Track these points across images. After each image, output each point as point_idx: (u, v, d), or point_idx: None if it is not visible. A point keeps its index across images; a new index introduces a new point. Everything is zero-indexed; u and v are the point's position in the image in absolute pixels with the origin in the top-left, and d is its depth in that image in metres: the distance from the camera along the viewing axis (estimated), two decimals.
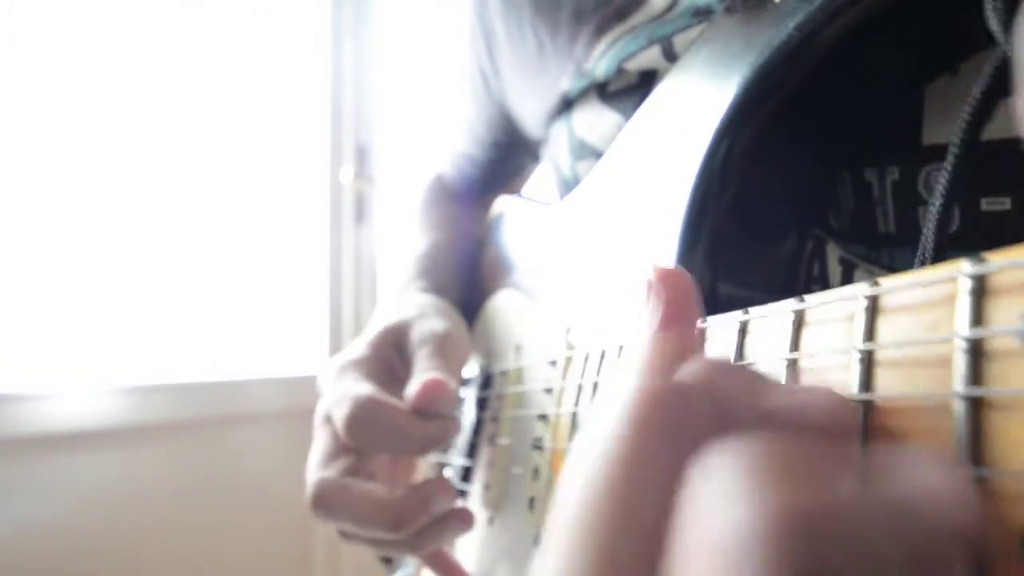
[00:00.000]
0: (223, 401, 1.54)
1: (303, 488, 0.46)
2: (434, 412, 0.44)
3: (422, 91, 1.82)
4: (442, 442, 0.44)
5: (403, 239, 0.73)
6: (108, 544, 1.34)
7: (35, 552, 1.26)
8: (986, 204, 0.30)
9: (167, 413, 1.45)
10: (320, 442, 0.47)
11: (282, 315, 1.69)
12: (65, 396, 1.32)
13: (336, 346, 1.73)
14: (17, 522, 1.26)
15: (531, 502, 0.44)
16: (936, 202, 0.27)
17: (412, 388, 0.44)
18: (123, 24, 1.46)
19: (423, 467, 0.59)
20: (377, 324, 0.52)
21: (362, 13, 1.81)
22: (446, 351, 0.48)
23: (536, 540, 0.44)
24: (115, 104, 1.44)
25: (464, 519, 0.46)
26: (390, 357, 0.49)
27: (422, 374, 0.45)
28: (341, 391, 0.45)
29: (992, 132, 0.27)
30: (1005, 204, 0.30)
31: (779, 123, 0.32)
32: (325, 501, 0.43)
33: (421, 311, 0.53)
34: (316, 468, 0.45)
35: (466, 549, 0.55)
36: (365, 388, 0.44)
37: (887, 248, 0.35)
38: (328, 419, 0.47)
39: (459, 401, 0.57)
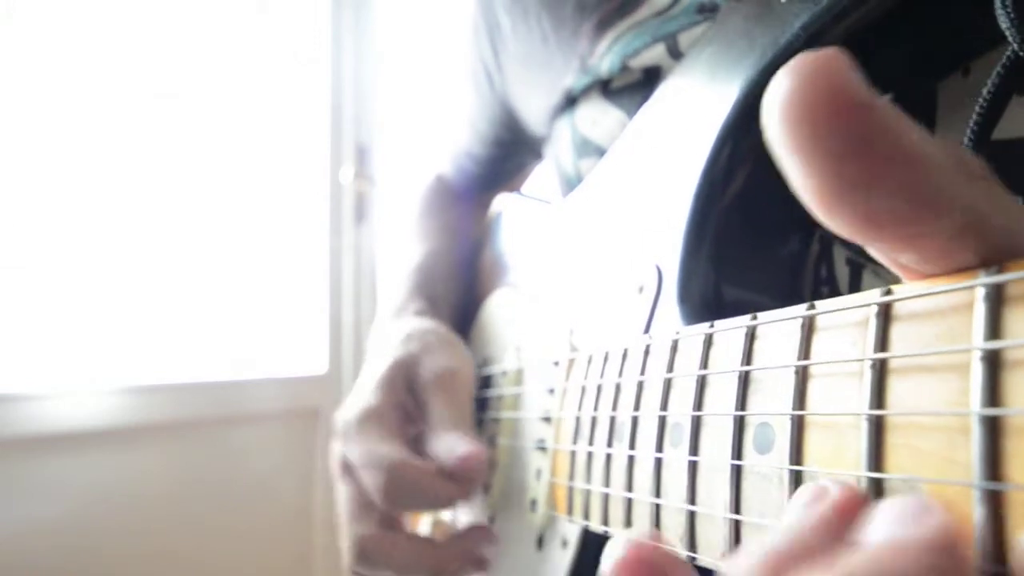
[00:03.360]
0: (223, 401, 1.54)
1: (303, 488, 0.47)
2: (464, 476, 0.45)
3: (422, 91, 1.81)
4: (469, 498, 0.46)
5: (400, 249, 0.73)
6: (108, 544, 1.34)
7: (35, 552, 1.26)
8: None
9: (167, 413, 1.45)
10: (347, 495, 0.47)
11: (282, 315, 1.69)
12: (65, 396, 1.32)
13: (336, 346, 1.73)
14: (17, 522, 1.25)
15: (532, 503, 0.44)
16: None
17: (447, 453, 0.44)
18: (123, 24, 1.45)
19: None
20: (382, 358, 0.52)
21: (362, 13, 1.81)
22: (458, 394, 0.49)
23: (537, 541, 0.44)
24: (115, 104, 1.44)
25: (484, 565, 0.48)
26: (403, 401, 0.50)
27: (450, 434, 0.46)
28: (369, 452, 0.45)
29: (1003, 132, 0.27)
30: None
31: None
32: (371, 556, 0.45)
33: (425, 344, 0.53)
34: (352, 523, 0.46)
35: None
36: (394, 451, 0.44)
37: None
38: (350, 468, 0.47)
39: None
